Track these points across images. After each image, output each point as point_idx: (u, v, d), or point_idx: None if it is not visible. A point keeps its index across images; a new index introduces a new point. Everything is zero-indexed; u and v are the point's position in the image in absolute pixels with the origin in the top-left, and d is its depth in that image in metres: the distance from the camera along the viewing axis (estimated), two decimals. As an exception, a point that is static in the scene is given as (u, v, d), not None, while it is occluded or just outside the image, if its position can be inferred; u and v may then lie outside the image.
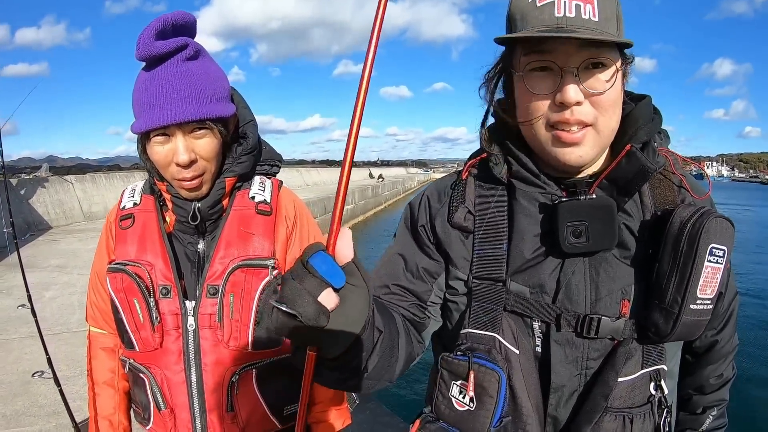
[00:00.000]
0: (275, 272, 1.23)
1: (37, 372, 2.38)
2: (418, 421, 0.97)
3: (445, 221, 0.99)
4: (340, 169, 0.62)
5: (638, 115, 0.92)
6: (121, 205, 1.30)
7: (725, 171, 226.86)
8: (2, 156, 3.27)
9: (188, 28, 1.16)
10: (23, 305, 2.57)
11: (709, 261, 0.82)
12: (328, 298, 0.60)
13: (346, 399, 1.44)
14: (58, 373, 3.63)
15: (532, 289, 0.91)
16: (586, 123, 0.83)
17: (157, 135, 1.13)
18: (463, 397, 0.90)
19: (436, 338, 1.07)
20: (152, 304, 1.19)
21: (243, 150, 1.25)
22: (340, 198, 0.61)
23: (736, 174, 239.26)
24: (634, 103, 0.95)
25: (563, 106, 0.82)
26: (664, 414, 0.88)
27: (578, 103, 0.82)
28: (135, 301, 1.19)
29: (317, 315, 0.59)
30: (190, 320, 1.20)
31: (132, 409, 1.38)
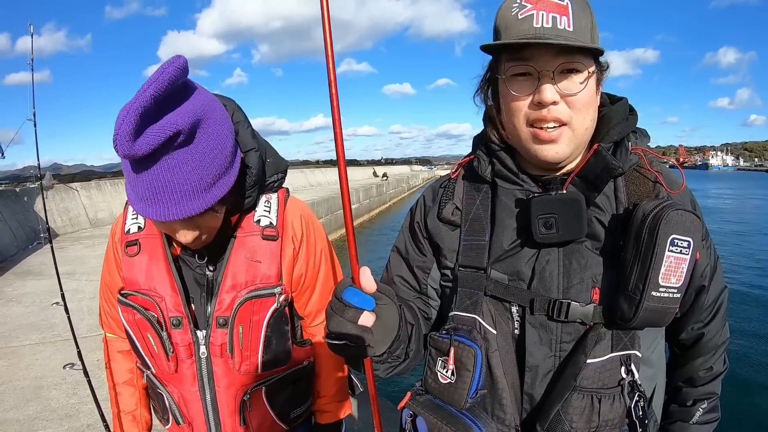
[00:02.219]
0: (282, 298, 1.24)
1: (68, 364, 2.48)
2: (409, 394, 1.07)
3: (435, 217, 1.11)
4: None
5: (612, 116, 1.01)
6: (126, 229, 1.26)
7: (730, 160, 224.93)
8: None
9: (178, 92, 0.94)
10: (57, 302, 2.78)
11: (671, 251, 0.88)
12: (366, 319, 0.79)
13: (348, 392, 1.51)
14: (71, 378, 3.68)
15: (510, 277, 1.01)
16: (562, 121, 0.92)
17: None
18: (446, 371, 1.01)
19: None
20: (165, 336, 1.20)
21: (247, 185, 1.17)
22: (353, 244, 0.78)
23: (741, 163, 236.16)
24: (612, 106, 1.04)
25: (541, 105, 0.91)
26: (636, 398, 0.94)
27: (554, 103, 0.91)
28: (148, 335, 1.20)
29: (362, 335, 0.78)
30: (202, 349, 1.22)
31: (151, 406, 1.43)
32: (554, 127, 0.92)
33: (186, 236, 1.08)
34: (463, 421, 0.97)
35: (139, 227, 1.25)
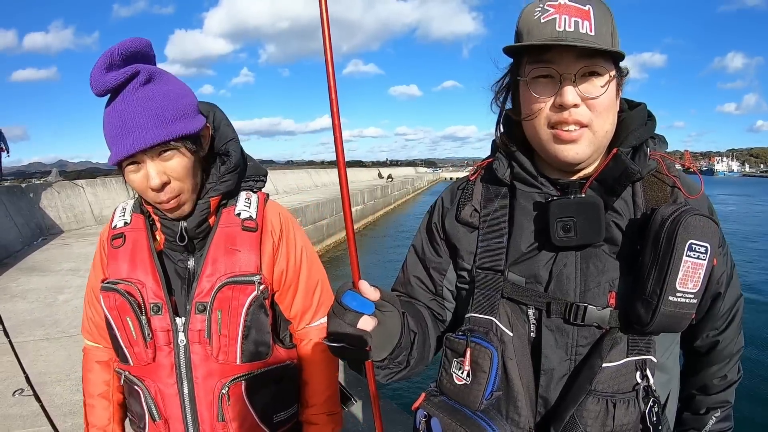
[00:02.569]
0: (261, 287, 1.26)
1: (18, 390, 2.19)
2: (423, 395, 1.07)
3: (454, 218, 1.11)
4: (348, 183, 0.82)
5: (630, 121, 1.02)
6: (113, 225, 1.33)
7: (735, 166, 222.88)
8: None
9: (140, 55, 1.14)
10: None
11: (689, 256, 0.87)
12: (365, 323, 0.81)
13: (340, 404, 1.47)
14: (75, 374, 3.69)
15: (527, 279, 1.01)
16: (582, 123, 0.93)
17: (129, 164, 1.14)
18: (461, 372, 1.01)
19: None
20: (144, 321, 1.21)
21: (226, 169, 1.27)
22: (354, 248, 0.81)
23: (747, 169, 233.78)
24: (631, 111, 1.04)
25: (562, 108, 0.92)
26: (650, 403, 0.93)
27: (575, 105, 0.92)
28: (128, 318, 1.22)
29: (360, 337, 0.80)
30: (181, 336, 1.23)
31: (128, 418, 1.42)
32: (575, 129, 0.93)
33: (155, 180, 1.13)
34: (477, 422, 0.97)
35: (126, 222, 1.31)
